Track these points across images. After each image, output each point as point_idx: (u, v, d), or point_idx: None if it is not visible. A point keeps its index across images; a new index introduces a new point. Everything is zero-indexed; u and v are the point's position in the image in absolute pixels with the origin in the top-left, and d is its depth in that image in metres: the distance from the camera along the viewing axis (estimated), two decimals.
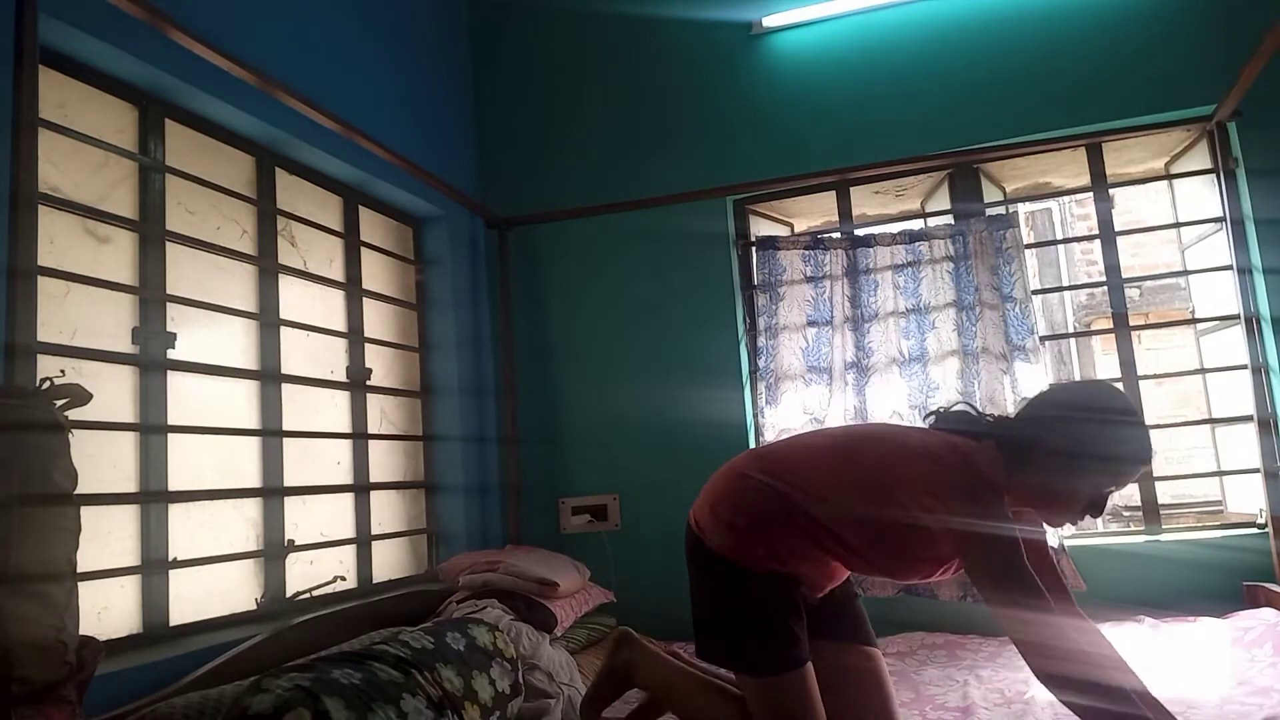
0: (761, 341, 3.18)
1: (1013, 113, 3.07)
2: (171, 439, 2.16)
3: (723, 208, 3.36)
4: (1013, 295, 2.96)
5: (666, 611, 3.10)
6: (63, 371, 1.88)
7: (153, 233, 2.18)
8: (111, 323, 2.07)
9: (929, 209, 3.40)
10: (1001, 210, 3.15)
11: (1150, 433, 1.57)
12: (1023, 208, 5.01)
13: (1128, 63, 2.97)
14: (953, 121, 3.12)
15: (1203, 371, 3.14)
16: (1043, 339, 3.06)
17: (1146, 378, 3.04)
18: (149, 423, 2.10)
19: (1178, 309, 6.14)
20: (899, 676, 2.33)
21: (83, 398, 1.42)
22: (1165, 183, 3.31)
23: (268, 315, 2.53)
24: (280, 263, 2.60)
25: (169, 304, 2.20)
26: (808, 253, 3.20)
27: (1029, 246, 3.16)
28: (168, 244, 2.22)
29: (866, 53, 3.25)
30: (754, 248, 3.27)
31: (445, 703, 1.70)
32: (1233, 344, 2.92)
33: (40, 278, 1.63)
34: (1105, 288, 3.12)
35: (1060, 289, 6.59)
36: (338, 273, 2.92)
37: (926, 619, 2.88)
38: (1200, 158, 3.04)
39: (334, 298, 2.89)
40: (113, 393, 2.05)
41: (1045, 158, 3.12)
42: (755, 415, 3.21)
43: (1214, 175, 2.96)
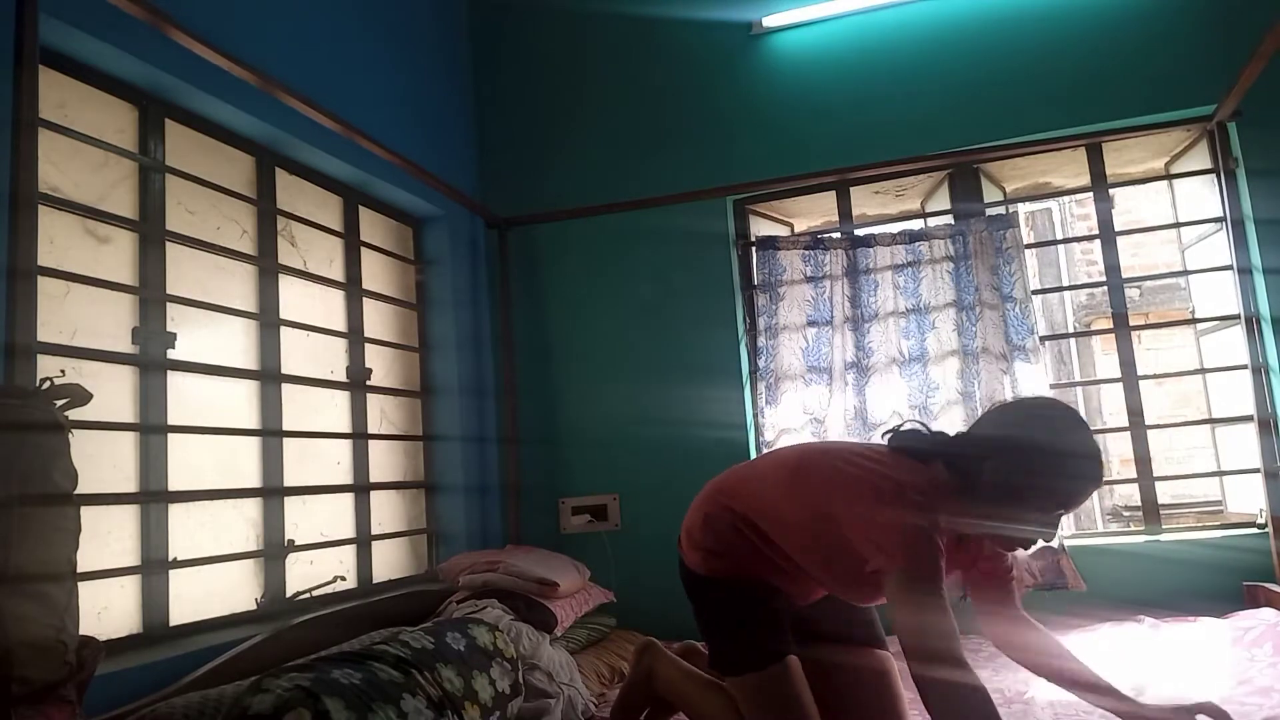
0: (761, 341, 3.18)
1: (1013, 113, 3.07)
2: (171, 439, 2.16)
3: (723, 208, 3.36)
4: (1013, 295, 2.96)
5: (666, 611, 3.10)
6: (63, 371, 1.88)
7: (153, 233, 2.18)
8: (111, 323, 2.07)
9: (929, 209, 3.40)
10: (1001, 210, 3.15)
11: (1099, 448, 1.50)
12: (1023, 208, 5.01)
13: (1128, 63, 2.97)
14: (953, 121, 3.12)
15: (1203, 371, 3.14)
16: (1043, 339, 3.06)
17: (1146, 378, 3.04)
18: (149, 423, 2.10)
19: (1178, 309, 6.14)
20: None
21: (83, 398, 1.42)
22: (1165, 183, 3.31)
23: (268, 315, 2.53)
24: (280, 263, 2.60)
25: (169, 304, 2.20)
26: (808, 253, 3.20)
27: (1029, 246, 3.16)
28: (168, 244, 2.22)
29: (866, 53, 3.25)
30: (754, 248, 3.27)
31: (445, 703, 1.70)
32: (1233, 344, 2.92)
33: (40, 278, 1.63)
34: (1105, 288, 3.12)
35: (1060, 289, 6.59)
36: (338, 273, 2.92)
37: None
38: (1200, 158, 3.04)
39: (334, 298, 2.89)
40: (113, 393, 2.05)
41: (1045, 158, 3.12)
42: (755, 415, 3.21)
43: (1214, 175, 2.96)
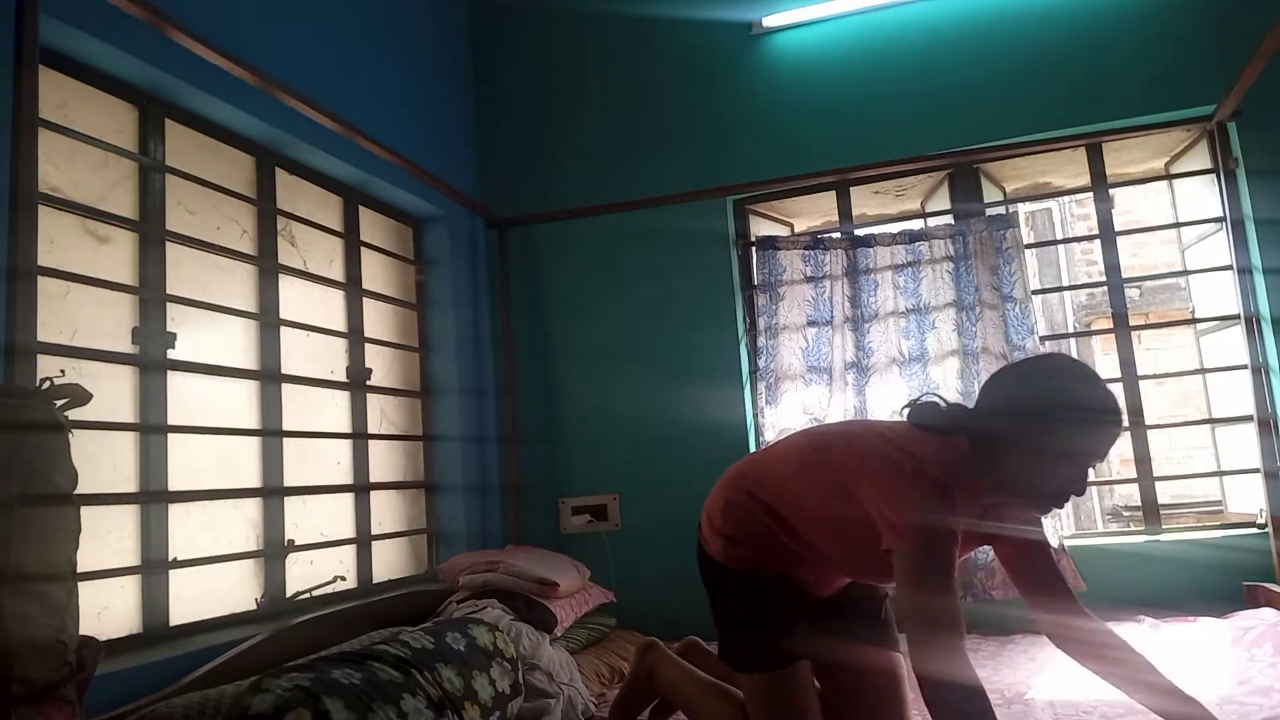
0: (761, 341, 3.18)
1: (1013, 113, 3.07)
2: (171, 439, 2.16)
3: (723, 208, 3.36)
4: (1013, 295, 2.96)
5: (666, 611, 3.12)
6: (63, 371, 1.88)
7: (153, 233, 2.18)
8: (111, 323, 2.07)
9: (929, 209, 3.40)
10: (1001, 210, 3.15)
11: (1112, 392, 1.45)
12: (1023, 208, 5.01)
13: (1128, 63, 2.97)
14: (953, 121, 3.12)
15: (1203, 371, 3.14)
16: (1043, 339, 3.06)
17: (1146, 378, 3.04)
18: (149, 423, 2.10)
19: (1178, 309, 6.14)
20: None
21: (83, 398, 1.42)
22: (1165, 183, 3.31)
23: (268, 315, 2.53)
24: (280, 263, 2.60)
25: (169, 304, 2.20)
26: (808, 253, 3.20)
27: (1029, 246, 3.16)
28: (168, 244, 2.22)
29: (866, 53, 3.25)
30: (754, 248, 3.27)
31: (445, 703, 1.70)
32: (1233, 344, 2.92)
33: (40, 278, 1.63)
34: (1105, 288, 3.12)
35: (1060, 289, 6.59)
36: (338, 273, 2.92)
37: None
38: (1200, 158, 3.04)
39: (334, 298, 2.89)
40: (113, 393, 2.05)
41: (1045, 158, 3.12)
42: (755, 415, 3.21)
43: (1214, 175, 2.96)
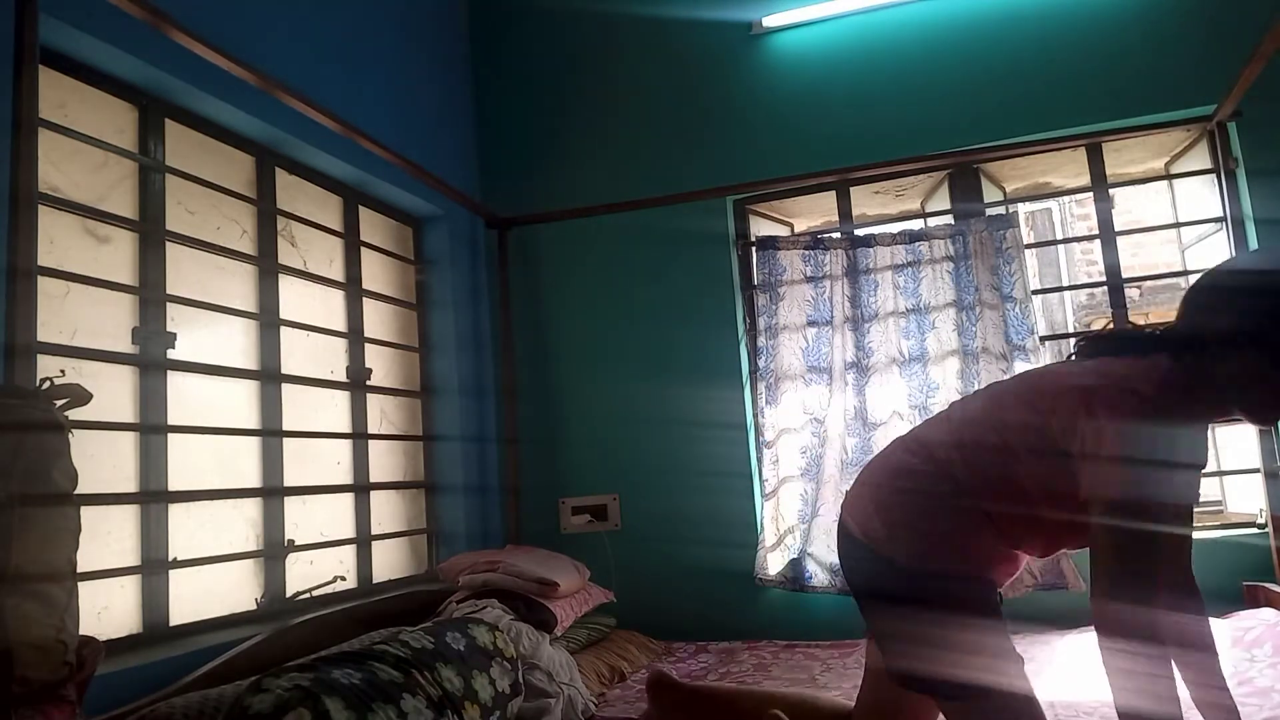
0: (761, 341, 3.18)
1: (1013, 113, 3.07)
2: (171, 439, 2.16)
3: (723, 208, 3.35)
4: (1013, 295, 2.96)
5: (666, 611, 3.12)
6: (63, 371, 1.88)
7: (153, 233, 2.18)
8: (111, 323, 2.07)
9: (929, 209, 3.40)
10: (1001, 210, 3.15)
11: None
12: (1023, 208, 5.01)
13: (1128, 63, 2.97)
14: (953, 121, 3.12)
15: None
16: (1043, 339, 3.06)
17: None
18: (149, 423, 2.10)
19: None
20: None
21: (83, 398, 1.42)
22: (1165, 183, 3.31)
23: (268, 315, 2.53)
24: (280, 263, 2.60)
25: (169, 304, 2.20)
26: (808, 253, 3.20)
27: (1029, 246, 3.16)
28: (168, 244, 2.22)
29: (866, 53, 3.24)
30: (754, 248, 3.27)
31: (445, 703, 1.70)
32: None
33: (40, 278, 1.63)
34: (1105, 288, 3.12)
35: (1060, 289, 6.59)
36: (338, 273, 2.92)
37: None
38: (1200, 158, 3.04)
39: (334, 298, 2.89)
40: (113, 393, 2.05)
41: (1045, 158, 3.11)
42: (755, 415, 3.21)
43: (1214, 175, 2.96)
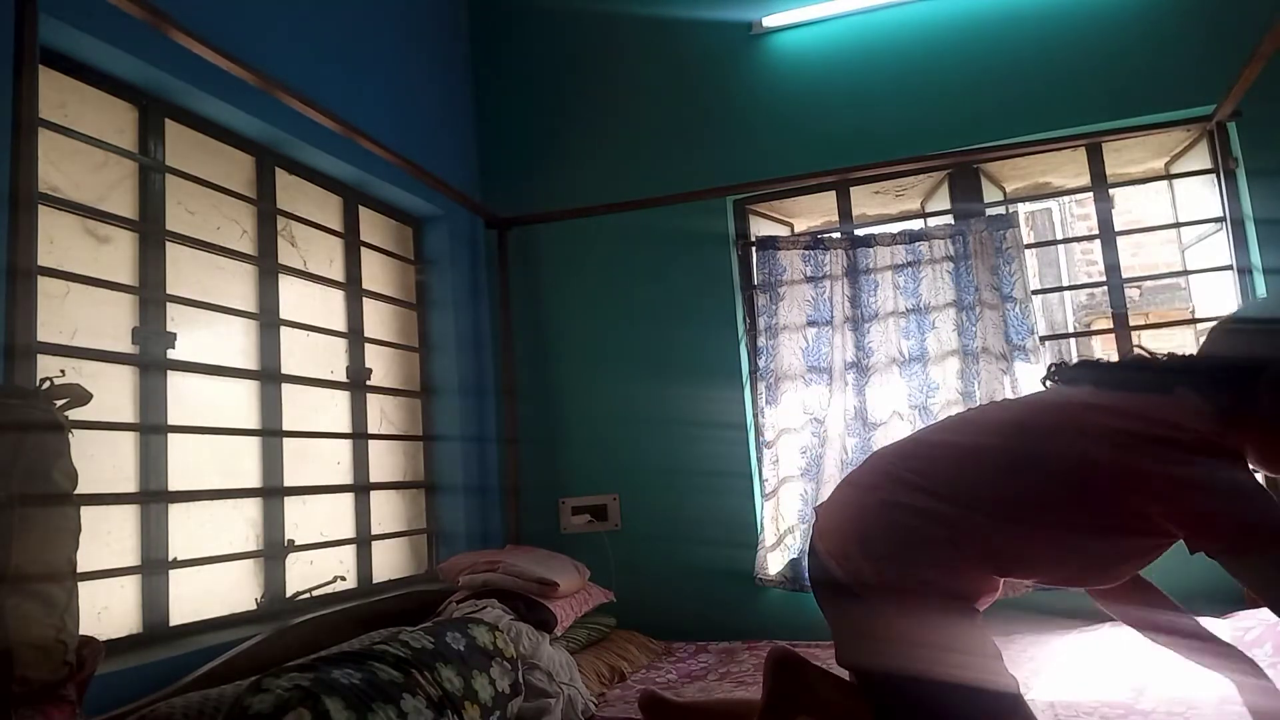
0: (761, 341, 3.18)
1: (1013, 113, 3.07)
2: (171, 439, 2.16)
3: (723, 208, 3.35)
4: (1013, 295, 2.96)
5: (666, 611, 3.12)
6: (63, 371, 1.88)
7: (153, 233, 2.18)
8: (111, 323, 2.07)
9: (929, 209, 3.40)
10: (1001, 210, 3.15)
11: None
12: (1023, 208, 5.01)
13: (1128, 63, 2.97)
14: (953, 121, 3.12)
15: None
16: (1043, 339, 3.06)
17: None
18: (149, 423, 2.10)
19: (1178, 309, 6.14)
20: None
21: (83, 398, 1.42)
22: (1165, 183, 3.31)
23: (268, 315, 2.53)
24: (280, 263, 2.60)
25: (169, 304, 2.20)
26: (808, 253, 3.20)
27: (1029, 246, 3.16)
28: (168, 244, 2.22)
29: (866, 53, 3.24)
30: (754, 248, 3.27)
31: (445, 703, 1.70)
32: None
33: (40, 278, 1.63)
34: (1105, 288, 3.12)
35: (1060, 289, 6.59)
36: (338, 273, 2.92)
37: None
38: (1200, 158, 3.04)
39: (334, 298, 2.89)
40: (113, 393, 2.05)
41: (1045, 158, 3.12)
42: (755, 415, 3.21)
43: (1214, 175, 2.96)
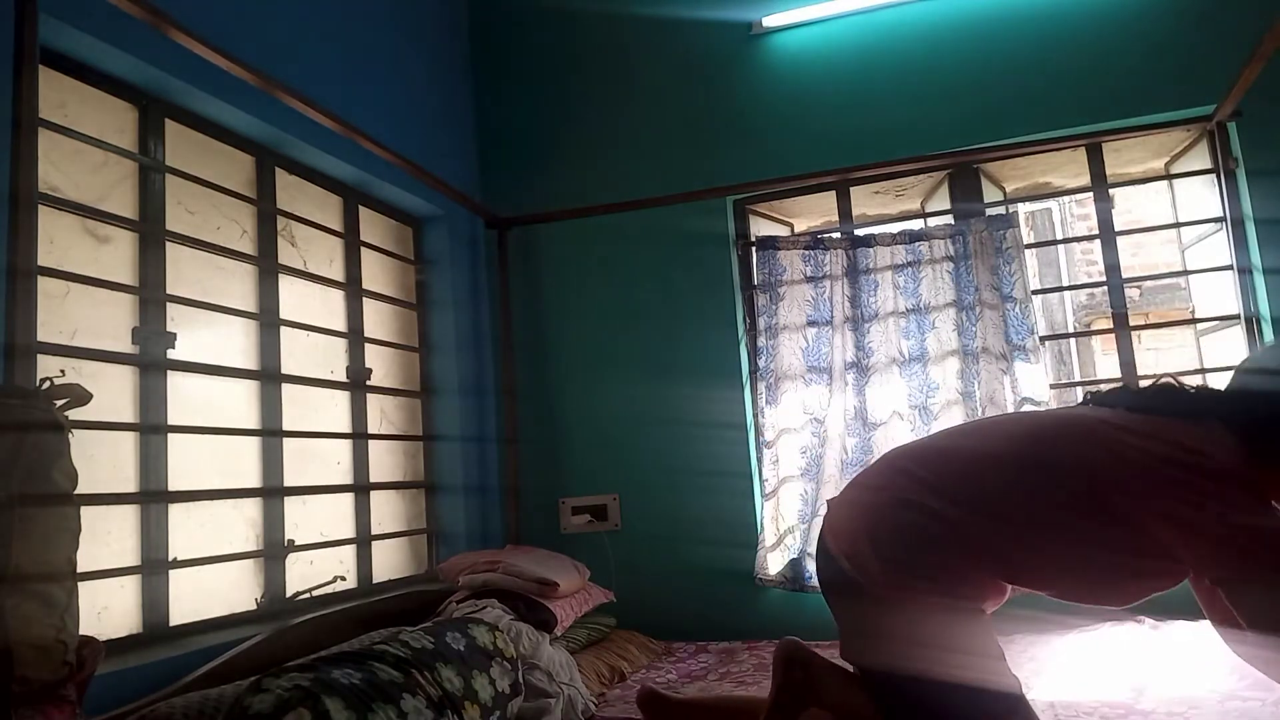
0: (761, 341, 3.18)
1: (1013, 113, 3.07)
2: (171, 439, 2.16)
3: (723, 208, 3.35)
4: (1013, 295, 2.96)
5: (666, 611, 3.12)
6: (63, 371, 1.88)
7: (153, 233, 2.18)
8: (111, 323, 2.07)
9: (929, 209, 3.40)
10: (1001, 210, 3.15)
11: None
12: (1023, 208, 5.01)
13: (1128, 63, 2.97)
14: (953, 121, 3.12)
15: (1203, 371, 3.14)
16: (1043, 339, 3.06)
17: (1147, 377, 3.04)
18: (149, 423, 2.10)
19: (1178, 309, 6.14)
20: None
21: (83, 398, 1.42)
22: (1165, 183, 3.31)
23: (268, 315, 2.53)
24: (280, 263, 2.60)
25: (169, 304, 2.20)
26: (808, 253, 3.20)
27: (1029, 246, 3.16)
28: (168, 244, 2.22)
29: (866, 53, 3.24)
30: (754, 248, 3.27)
31: (445, 703, 1.70)
32: (1233, 344, 2.92)
33: (40, 278, 1.63)
34: (1105, 288, 3.12)
35: (1060, 289, 6.59)
36: (338, 273, 2.92)
37: None
38: (1200, 158, 3.04)
39: (334, 298, 2.89)
40: (113, 393, 2.05)
41: (1045, 158, 3.12)
42: (755, 415, 3.21)
43: (1214, 175, 2.96)
